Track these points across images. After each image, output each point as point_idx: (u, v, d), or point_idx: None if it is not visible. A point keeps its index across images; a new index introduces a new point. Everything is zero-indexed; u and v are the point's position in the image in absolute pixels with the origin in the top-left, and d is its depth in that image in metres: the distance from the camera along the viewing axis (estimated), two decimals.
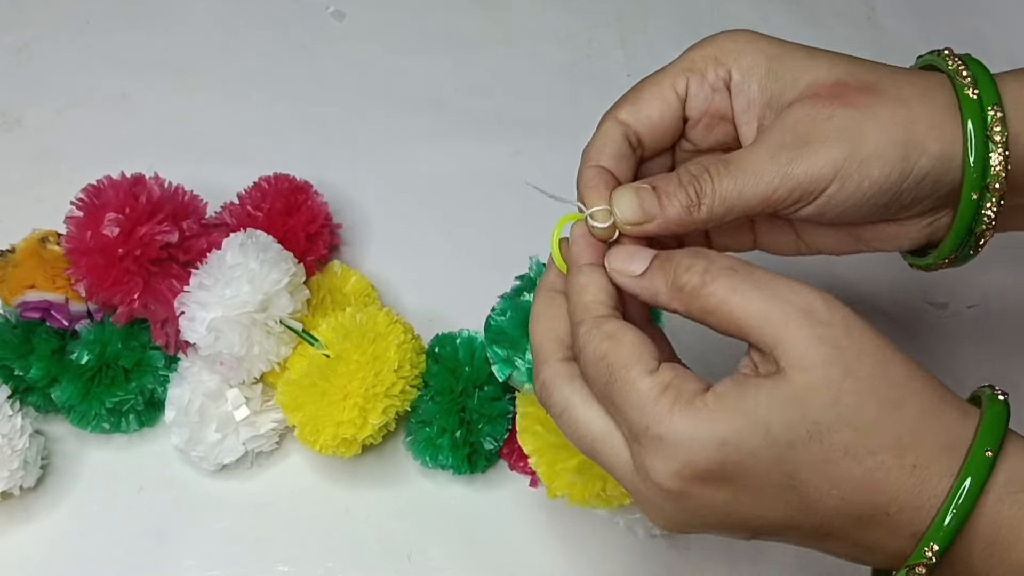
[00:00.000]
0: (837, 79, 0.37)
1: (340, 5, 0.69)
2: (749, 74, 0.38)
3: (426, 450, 0.49)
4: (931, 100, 0.37)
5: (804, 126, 0.36)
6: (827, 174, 0.36)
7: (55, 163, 0.61)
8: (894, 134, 0.36)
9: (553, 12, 0.70)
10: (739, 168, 0.36)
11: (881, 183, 0.36)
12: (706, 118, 0.39)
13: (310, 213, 0.54)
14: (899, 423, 0.32)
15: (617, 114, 0.39)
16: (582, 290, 0.36)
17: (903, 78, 0.38)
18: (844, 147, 0.36)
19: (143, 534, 0.50)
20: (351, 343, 0.48)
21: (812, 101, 0.37)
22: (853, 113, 0.36)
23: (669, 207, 0.36)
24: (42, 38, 0.66)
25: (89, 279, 0.49)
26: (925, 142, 0.36)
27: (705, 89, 0.39)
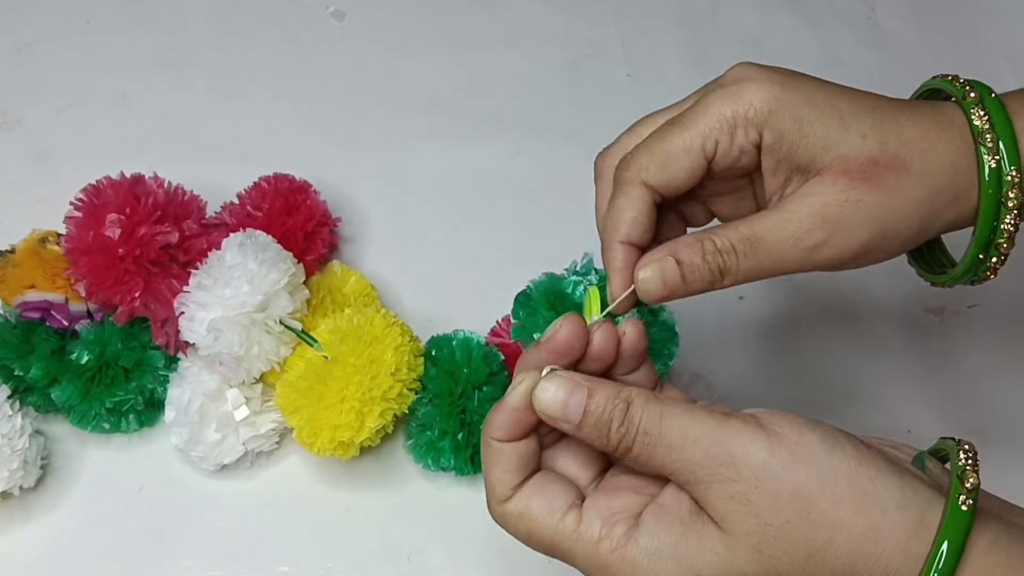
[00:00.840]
0: (868, 156, 0.37)
1: (340, 5, 0.69)
2: (781, 139, 0.37)
3: (428, 453, 0.49)
4: (956, 173, 0.37)
5: (833, 211, 0.37)
6: (851, 257, 0.37)
7: (55, 163, 0.61)
8: (917, 213, 0.37)
9: (553, 12, 0.70)
10: (765, 251, 0.37)
11: (896, 252, 0.38)
12: (729, 172, 0.39)
13: (309, 213, 0.54)
14: (834, 560, 0.32)
15: (647, 179, 0.38)
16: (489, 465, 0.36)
17: (929, 145, 0.38)
18: (871, 232, 0.37)
19: (143, 534, 0.50)
20: (348, 346, 0.48)
21: (842, 179, 0.37)
22: (881, 199, 0.37)
23: (692, 281, 0.37)
24: (42, 38, 0.67)
25: (89, 279, 0.49)
26: (943, 213, 0.38)
27: (734, 151, 0.38)
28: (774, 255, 0.37)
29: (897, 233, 0.37)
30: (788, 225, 0.37)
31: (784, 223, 0.37)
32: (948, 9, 0.72)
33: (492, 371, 0.50)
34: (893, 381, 0.56)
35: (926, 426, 0.54)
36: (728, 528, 0.32)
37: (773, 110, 0.37)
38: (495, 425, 0.35)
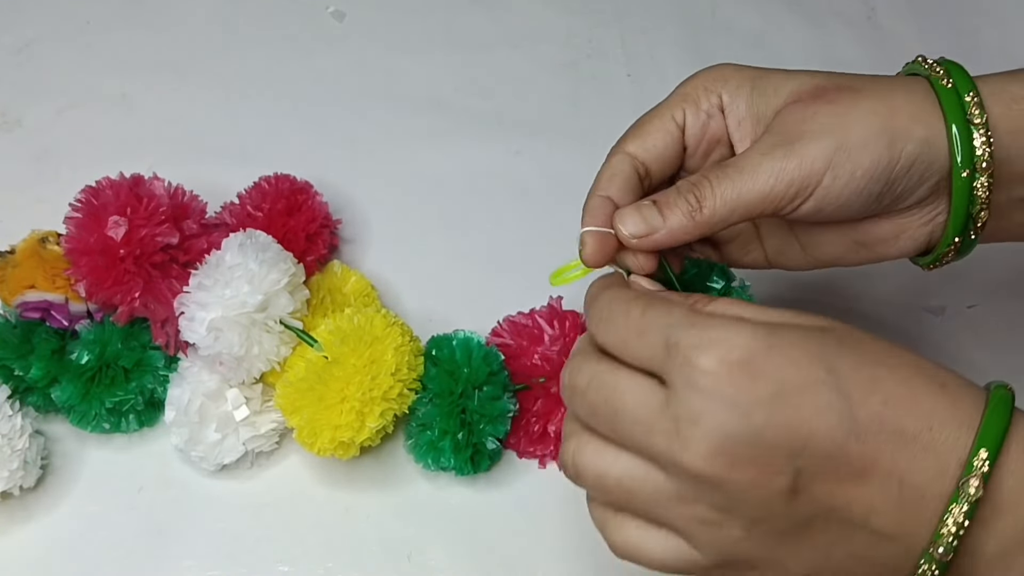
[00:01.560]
0: (817, 84, 0.40)
1: (340, 5, 0.69)
2: (736, 94, 0.41)
3: (428, 453, 0.49)
4: (910, 91, 0.39)
5: (791, 126, 0.38)
6: (820, 166, 0.37)
7: (55, 163, 0.61)
8: (876, 124, 0.38)
9: (553, 12, 0.70)
10: (736, 170, 0.38)
11: (872, 170, 0.38)
12: (703, 144, 0.42)
13: (310, 213, 0.54)
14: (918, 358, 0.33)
15: (625, 147, 0.41)
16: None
17: (881, 79, 0.40)
18: (832, 139, 0.38)
19: (143, 534, 0.50)
20: (348, 346, 0.48)
21: (796, 105, 0.39)
22: (835, 108, 0.38)
23: (671, 216, 0.38)
24: (42, 38, 0.67)
25: (89, 279, 0.49)
26: (909, 128, 0.38)
27: (701, 117, 0.41)
28: (746, 174, 0.38)
29: (862, 143, 0.38)
30: (753, 150, 0.39)
31: (750, 150, 0.39)
32: (948, 9, 0.72)
33: (492, 371, 0.50)
34: None
35: None
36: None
37: (725, 76, 0.41)
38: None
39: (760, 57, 0.68)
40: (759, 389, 0.31)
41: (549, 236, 0.59)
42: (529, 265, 0.52)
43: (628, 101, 0.66)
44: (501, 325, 0.53)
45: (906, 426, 0.31)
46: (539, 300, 0.54)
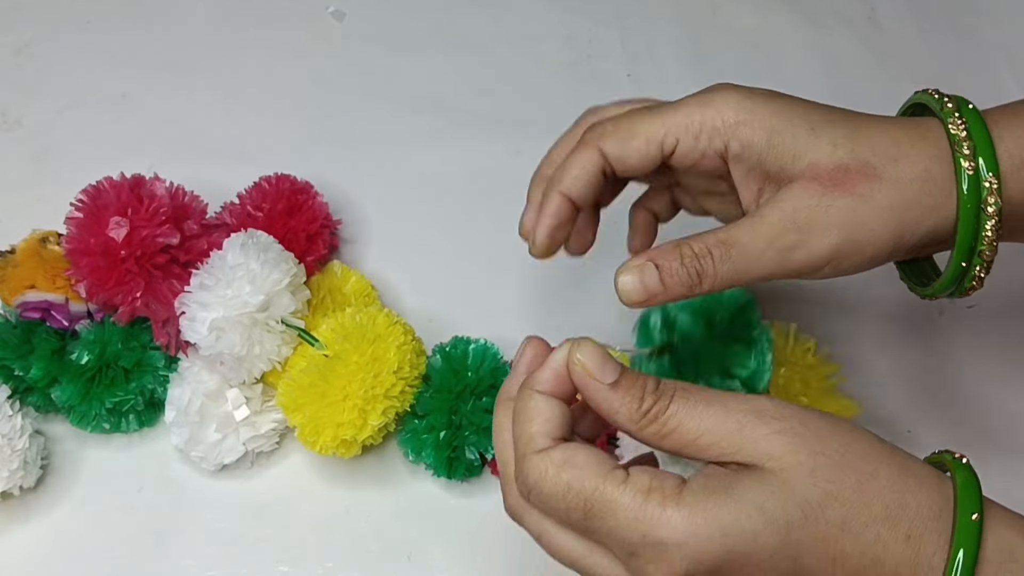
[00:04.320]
0: (838, 163, 0.38)
1: (340, 5, 0.69)
2: (749, 147, 0.39)
3: (411, 442, 0.49)
4: (930, 180, 0.38)
5: (804, 215, 0.37)
6: (825, 258, 0.38)
7: (55, 163, 0.61)
8: (890, 221, 0.37)
9: (553, 12, 0.70)
10: (741, 254, 0.38)
11: (872, 258, 0.38)
12: (693, 168, 0.41)
13: (311, 213, 0.54)
14: (881, 492, 0.32)
15: (603, 144, 0.40)
16: (528, 420, 0.34)
17: (901, 154, 0.38)
18: (842, 236, 0.37)
19: (143, 534, 0.50)
20: (351, 344, 0.48)
21: (813, 185, 0.38)
22: (852, 203, 0.37)
23: (672, 286, 0.38)
24: (42, 38, 0.67)
25: (90, 280, 0.49)
26: (919, 222, 0.38)
27: (695, 153, 0.40)
28: (750, 258, 0.38)
29: (870, 239, 0.37)
30: (761, 228, 0.38)
31: (758, 227, 0.38)
32: (948, 9, 0.72)
33: (495, 384, 0.50)
34: (893, 381, 0.56)
35: (926, 426, 0.54)
36: (780, 463, 0.32)
37: (742, 121, 0.39)
38: (540, 379, 0.35)
39: (760, 57, 0.68)
40: None
41: None
42: (529, 265, 0.52)
43: None
44: None
45: None
46: (539, 300, 0.54)
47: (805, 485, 0.31)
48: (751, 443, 0.32)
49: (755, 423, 0.32)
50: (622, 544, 0.32)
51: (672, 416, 0.33)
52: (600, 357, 0.34)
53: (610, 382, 0.34)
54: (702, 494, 0.32)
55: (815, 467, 0.32)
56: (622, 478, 0.32)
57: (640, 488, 0.32)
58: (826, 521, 0.31)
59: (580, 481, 0.32)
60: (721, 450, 0.32)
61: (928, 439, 0.54)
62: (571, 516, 0.33)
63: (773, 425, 0.32)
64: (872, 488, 0.32)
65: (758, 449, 0.32)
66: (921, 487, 0.32)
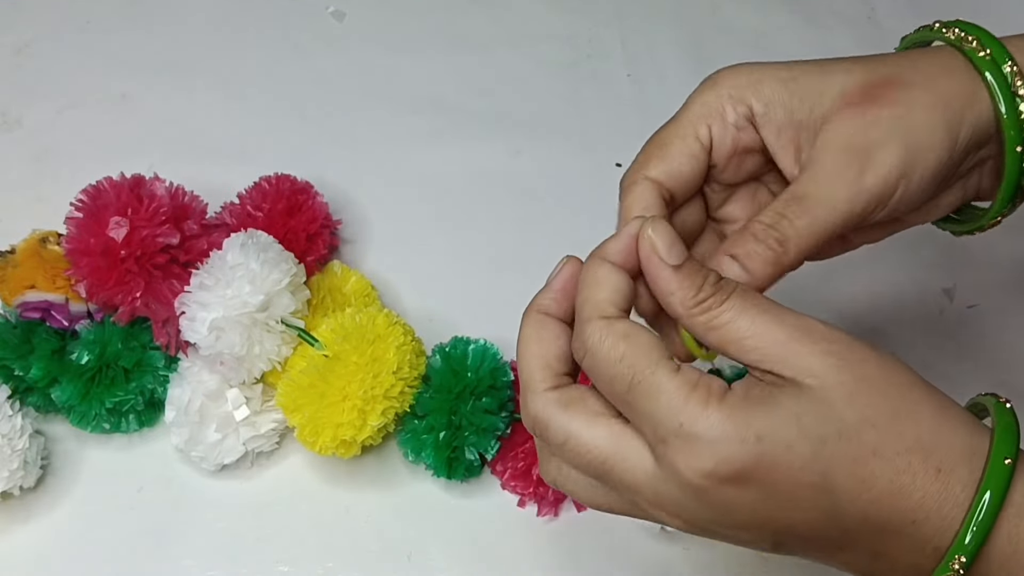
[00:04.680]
0: (863, 82, 0.37)
1: (340, 5, 0.69)
2: (772, 102, 0.38)
3: (410, 442, 0.49)
4: (953, 73, 0.38)
5: (858, 138, 0.36)
6: (895, 176, 0.36)
7: (55, 163, 0.61)
8: (936, 119, 0.37)
9: (553, 12, 0.70)
10: (814, 201, 0.36)
11: (937, 167, 0.37)
12: (735, 158, 0.39)
13: (311, 213, 0.54)
14: (917, 425, 0.32)
15: (648, 173, 0.38)
16: (596, 285, 0.34)
17: (920, 62, 0.38)
18: (901, 146, 0.36)
19: (143, 534, 0.50)
20: (350, 344, 0.48)
21: (850, 111, 0.37)
22: (896, 111, 0.37)
23: (755, 266, 0.36)
24: (42, 38, 0.67)
25: (90, 280, 0.49)
26: (963, 115, 0.37)
27: (729, 132, 0.38)
28: (825, 203, 0.36)
29: (928, 142, 0.36)
30: (823, 171, 0.36)
31: (819, 171, 0.36)
32: (948, 9, 0.71)
33: (495, 385, 0.50)
34: None
35: None
36: (821, 381, 0.31)
37: (753, 81, 0.38)
38: (611, 250, 0.35)
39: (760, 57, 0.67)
40: (746, 495, 0.32)
41: (549, 236, 0.59)
42: (529, 265, 0.52)
43: (628, 101, 0.66)
44: None
45: (890, 521, 0.32)
46: None
47: (844, 406, 0.31)
48: (796, 357, 0.32)
49: (804, 338, 0.32)
50: (656, 429, 0.32)
51: (725, 312, 0.33)
52: (670, 238, 0.34)
53: (675, 263, 0.34)
54: (744, 398, 0.32)
55: (855, 391, 0.31)
56: (674, 368, 0.32)
57: (688, 380, 0.32)
58: (860, 442, 0.31)
59: (635, 356, 0.32)
60: (763, 355, 0.32)
61: None
62: (615, 386, 0.33)
63: (821, 344, 0.32)
64: (909, 419, 0.32)
65: (801, 364, 0.32)
66: (957, 428, 0.32)
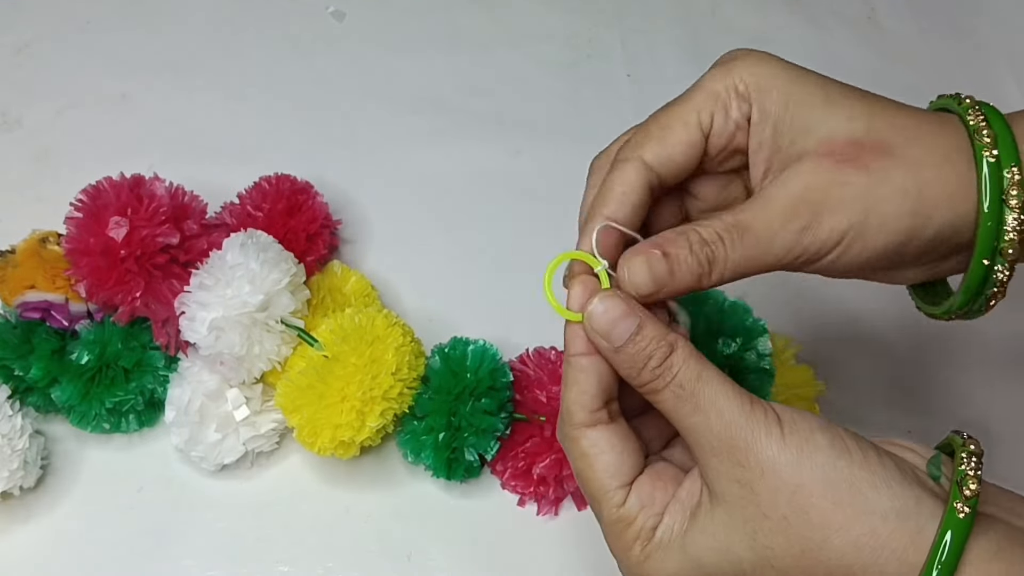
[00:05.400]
0: (852, 137, 0.36)
1: (340, 5, 0.69)
2: (766, 116, 0.37)
3: (410, 443, 0.49)
4: (947, 163, 0.36)
5: (816, 194, 0.35)
6: (831, 244, 0.35)
7: (55, 163, 0.61)
8: (904, 204, 0.35)
9: (553, 12, 0.70)
10: (753, 237, 0.35)
11: (883, 251, 0.36)
12: (725, 153, 0.38)
13: (311, 213, 0.54)
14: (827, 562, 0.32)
15: (643, 154, 0.37)
16: (568, 384, 0.35)
17: (920, 135, 0.36)
18: (854, 216, 0.35)
19: (143, 534, 0.50)
20: (349, 345, 0.48)
21: (825, 161, 0.35)
22: (866, 181, 0.35)
23: (680, 275, 0.35)
24: (42, 38, 0.67)
25: (90, 280, 0.49)
26: (935, 210, 0.35)
27: (729, 126, 0.37)
28: (762, 241, 0.35)
29: (883, 223, 0.35)
30: (773, 209, 0.35)
31: (769, 207, 0.36)
32: (948, 9, 0.72)
33: (495, 386, 0.50)
34: (893, 381, 0.56)
35: (926, 426, 0.54)
36: (729, 510, 0.33)
37: (763, 87, 0.36)
38: (573, 341, 0.35)
39: None
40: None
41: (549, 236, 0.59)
42: (529, 265, 0.52)
43: (628, 101, 0.66)
44: (529, 352, 0.53)
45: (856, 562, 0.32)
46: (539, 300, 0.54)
47: (744, 545, 0.33)
48: (714, 477, 0.33)
49: (722, 455, 0.33)
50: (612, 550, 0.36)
51: (667, 400, 0.34)
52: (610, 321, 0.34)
53: (615, 347, 0.34)
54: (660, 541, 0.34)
55: (757, 530, 0.32)
56: (620, 501, 0.35)
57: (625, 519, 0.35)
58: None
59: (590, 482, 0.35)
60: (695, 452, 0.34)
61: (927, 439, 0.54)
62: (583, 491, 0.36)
63: (735, 472, 0.33)
64: (818, 557, 0.32)
65: (719, 485, 0.33)
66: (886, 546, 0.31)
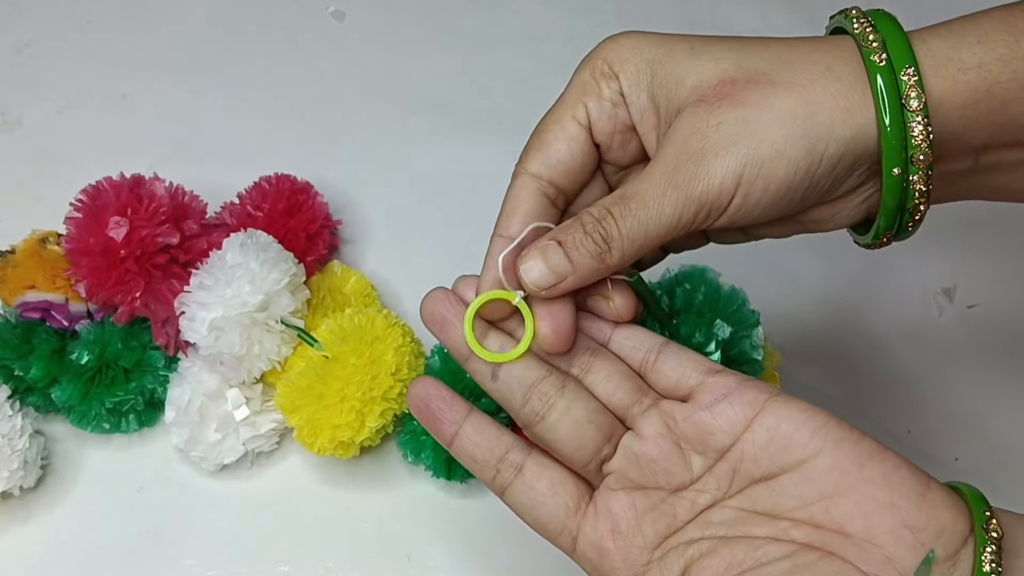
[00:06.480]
0: (723, 76, 0.34)
1: (340, 5, 0.69)
2: (636, 83, 0.36)
3: (410, 443, 0.49)
4: (835, 78, 0.33)
5: (695, 141, 0.34)
6: (728, 186, 0.33)
7: (55, 163, 0.61)
8: (791, 128, 0.33)
9: (553, 12, 0.70)
10: (640, 203, 0.34)
11: (789, 182, 0.33)
12: (617, 136, 0.37)
13: (311, 213, 0.54)
14: None
15: (528, 167, 0.37)
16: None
17: (801, 58, 0.34)
18: (738, 154, 0.33)
19: (143, 534, 0.50)
20: (349, 346, 0.48)
21: (698, 107, 0.34)
22: (743, 113, 0.33)
23: (579, 260, 0.34)
24: (42, 38, 0.67)
25: (90, 280, 0.49)
26: (832, 128, 0.33)
27: (605, 107, 0.36)
28: (651, 205, 0.33)
29: (777, 151, 0.33)
30: (656, 170, 0.34)
31: (653, 170, 0.34)
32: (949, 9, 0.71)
33: None
34: (892, 381, 0.56)
35: (926, 426, 0.54)
36: None
37: (626, 58, 0.36)
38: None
39: None
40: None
41: None
42: None
43: None
44: None
45: None
46: None
47: None
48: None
49: None
50: None
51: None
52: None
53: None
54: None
55: None
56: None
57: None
58: None
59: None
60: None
61: (927, 439, 0.54)
62: None
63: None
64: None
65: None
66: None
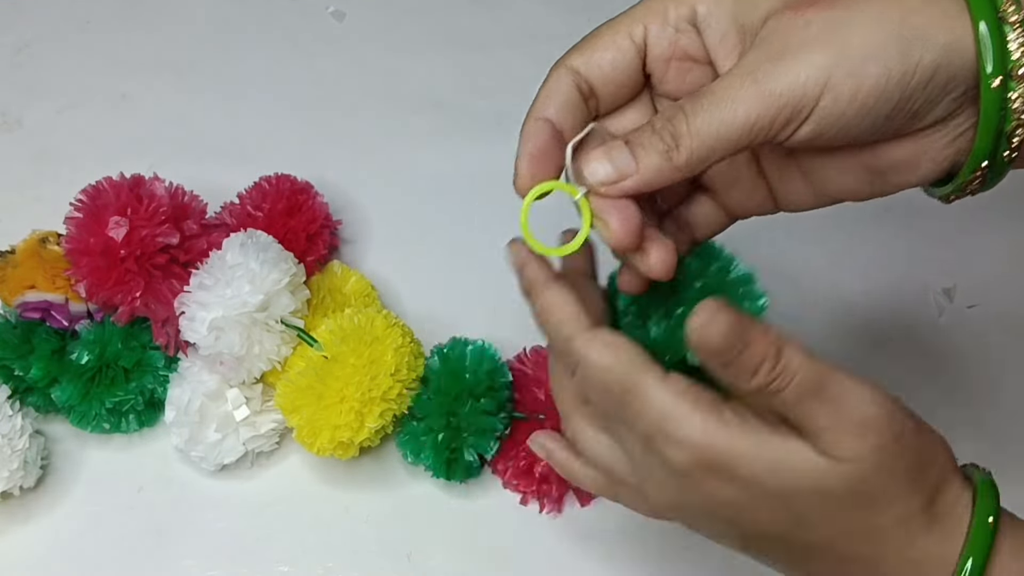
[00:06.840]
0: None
1: (340, 5, 0.69)
2: (716, 3, 0.34)
3: (410, 443, 0.49)
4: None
5: (778, 39, 0.32)
6: (813, 85, 0.31)
7: (55, 163, 0.61)
8: (885, 31, 0.31)
9: (553, 12, 0.70)
10: (714, 98, 0.32)
11: (880, 87, 0.31)
12: (675, 63, 0.35)
13: (311, 213, 0.54)
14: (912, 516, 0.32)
15: (567, 61, 0.36)
16: (562, 307, 0.34)
17: None
18: (828, 52, 0.31)
19: (143, 534, 0.50)
20: (348, 346, 0.48)
21: (785, 13, 0.32)
22: (833, 15, 0.31)
23: (645, 157, 0.32)
24: (42, 38, 0.67)
25: (90, 280, 0.49)
26: (927, 33, 0.31)
27: (668, 32, 0.35)
28: (725, 101, 0.31)
29: (870, 54, 0.31)
30: (735, 69, 0.32)
31: (733, 70, 0.32)
32: None
33: (493, 386, 0.50)
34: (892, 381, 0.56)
35: None
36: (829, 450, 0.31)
37: None
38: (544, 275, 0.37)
39: None
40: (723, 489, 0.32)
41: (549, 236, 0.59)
42: None
43: None
44: (526, 351, 0.52)
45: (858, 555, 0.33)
46: None
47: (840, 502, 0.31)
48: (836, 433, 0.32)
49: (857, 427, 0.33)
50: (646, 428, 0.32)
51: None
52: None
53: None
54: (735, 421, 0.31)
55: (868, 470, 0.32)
56: (660, 375, 0.32)
57: (675, 389, 0.32)
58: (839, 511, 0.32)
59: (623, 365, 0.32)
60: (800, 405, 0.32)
61: None
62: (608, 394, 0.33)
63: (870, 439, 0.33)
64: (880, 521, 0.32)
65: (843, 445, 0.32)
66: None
